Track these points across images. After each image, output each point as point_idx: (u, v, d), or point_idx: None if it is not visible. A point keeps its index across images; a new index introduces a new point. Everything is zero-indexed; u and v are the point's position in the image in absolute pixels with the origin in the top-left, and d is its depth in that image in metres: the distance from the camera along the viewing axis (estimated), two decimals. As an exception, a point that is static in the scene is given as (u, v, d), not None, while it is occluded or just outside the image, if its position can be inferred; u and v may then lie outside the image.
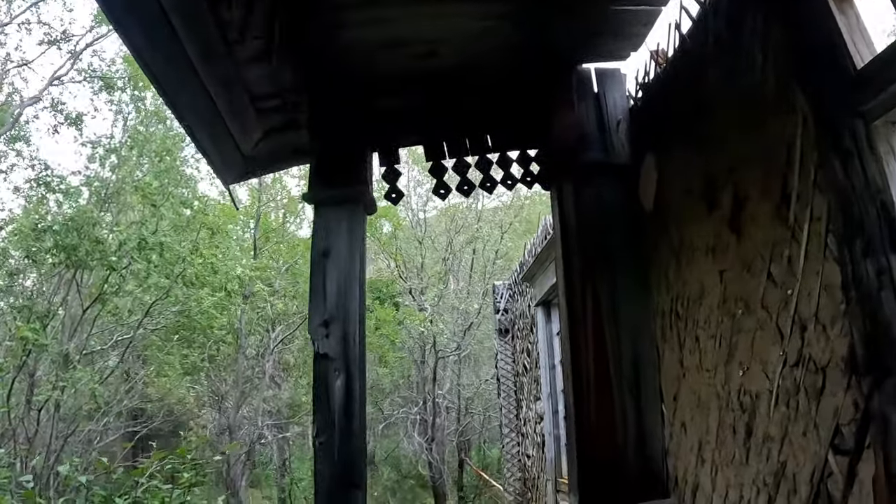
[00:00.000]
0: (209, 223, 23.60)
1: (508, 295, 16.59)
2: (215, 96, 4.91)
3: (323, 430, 5.05)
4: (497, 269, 31.93)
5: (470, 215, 33.42)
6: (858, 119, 2.96)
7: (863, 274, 2.86)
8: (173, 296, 22.23)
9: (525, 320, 14.73)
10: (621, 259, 5.13)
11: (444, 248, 32.86)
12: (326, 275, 5.32)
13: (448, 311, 30.91)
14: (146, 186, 20.73)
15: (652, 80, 5.54)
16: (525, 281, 13.90)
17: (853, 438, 2.98)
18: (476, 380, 32.59)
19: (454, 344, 30.25)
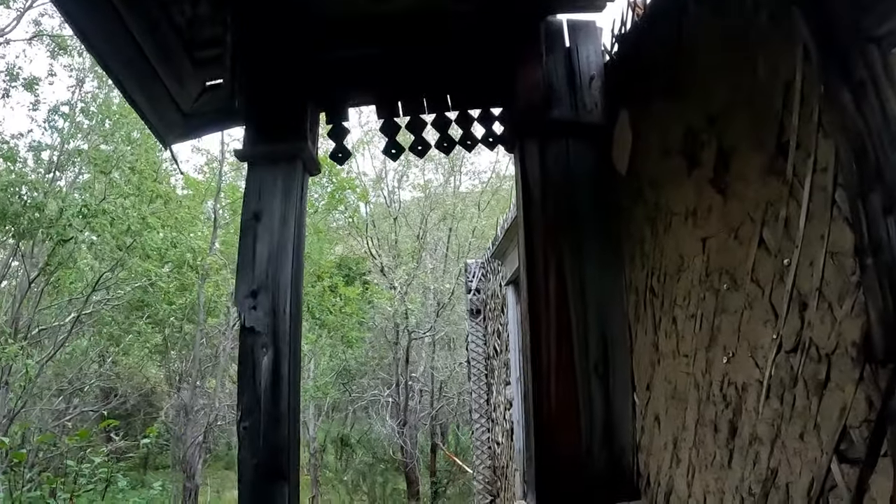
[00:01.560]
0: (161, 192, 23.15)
1: (481, 274, 16.31)
2: (143, 43, 4.42)
3: (248, 413, 4.65)
4: (473, 248, 31.87)
5: (446, 191, 33.40)
6: (873, 45, 2.47)
7: (882, 236, 2.33)
8: (131, 270, 21.81)
9: (496, 300, 14.45)
10: (591, 229, 4.71)
11: (418, 226, 32.82)
12: (257, 239, 4.91)
13: (420, 290, 30.85)
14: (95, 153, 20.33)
15: (629, 31, 5.14)
16: (496, 258, 13.65)
17: (864, 444, 2.47)
18: (451, 362, 32.58)
19: (427, 325, 30.19)
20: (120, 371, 27.17)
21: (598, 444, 4.38)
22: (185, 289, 24.38)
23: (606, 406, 4.43)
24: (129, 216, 20.15)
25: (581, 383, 4.41)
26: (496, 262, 13.94)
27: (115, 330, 25.04)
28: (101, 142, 20.97)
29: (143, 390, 28.94)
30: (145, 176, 21.73)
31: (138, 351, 26.15)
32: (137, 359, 26.79)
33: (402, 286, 29.22)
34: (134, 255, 21.34)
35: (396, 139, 5.74)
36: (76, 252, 20.25)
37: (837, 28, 2.62)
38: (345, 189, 28.65)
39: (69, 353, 22.54)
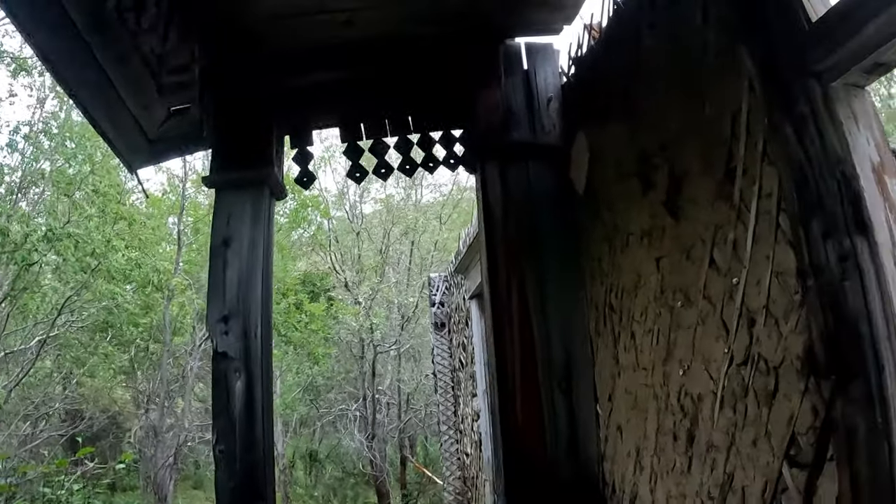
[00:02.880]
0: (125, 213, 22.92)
1: (444, 287, 16.30)
2: (110, 71, 4.47)
3: (223, 436, 4.68)
4: (436, 261, 31.75)
5: (408, 206, 33.25)
6: (814, 80, 2.61)
7: (822, 259, 2.49)
8: (96, 291, 21.56)
9: (460, 314, 14.46)
10: (551, 247, 4.84)
11: (380, 240, 32.67)
12: (227, 265, 4.95)
13: (384, 304, 30.70)
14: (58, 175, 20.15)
15: (585, 54, 5.24)
16: (459, 273, 13.66)
17: (812, 450, 2.63)
18: (417, 374, 32.42)
19: (392, 338, 30.06)
20: (86, 393, 26.74)
21: (563, 454, 4.51)
22: (149, 309, 24.15)
23: (571, 418, 4.56)
24: (94, 239, 19.94)
25: (546, 398, 4.54)
26: (459, 276, 13.97)
27: (80, 353, 24.74)
28: (64, 163, 20.77)
29: (110, 412, 28.50)
30: (108, 198, 21.51)
31: (104, 372, 25.80)
32: (104, 380, 26.42)
33: (366, 301, 29.12)
34: (98, 277, 21.06)
35: (360, 163, 5.80)
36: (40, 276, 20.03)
37: (780, 64, 2.76)
38: (307, 206, 28.57)
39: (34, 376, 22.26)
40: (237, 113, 5.29)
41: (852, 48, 2.40)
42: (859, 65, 2.44)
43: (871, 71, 2.50)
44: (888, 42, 2.29)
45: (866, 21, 2.30)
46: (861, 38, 2.35)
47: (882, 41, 2.30)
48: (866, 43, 2.35)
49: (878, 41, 2.31)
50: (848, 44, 2.41)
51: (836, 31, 2.46)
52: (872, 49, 2.35)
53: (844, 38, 2.41)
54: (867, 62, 2.42)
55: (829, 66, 2.53)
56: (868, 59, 2.40)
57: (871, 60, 2.41)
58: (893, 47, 2.32)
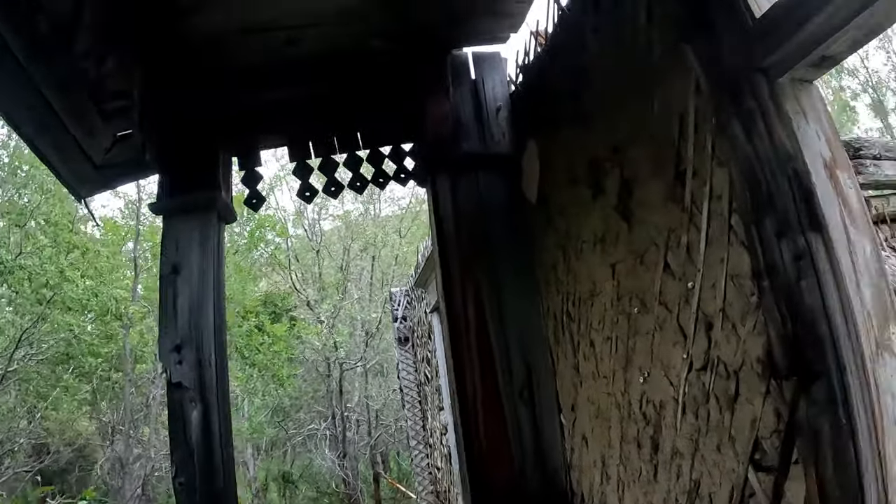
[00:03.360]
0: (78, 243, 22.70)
1: (406, 302, 16.27)
2: (52, 99, 4.32)
3: (182, 468, 4.56)
4: (397, 275, 31.73)
5: (367, 221, 33.19)
6: (760, 75, 2.58)
7: (777, 260, 2.45)
8: (53, 323, 21.30)
9: (423, 328, 14.44)
10: (505, 257, 4.81)
11: (340, 257, 32.58)
12: (177, 293, 4.83)
13: (348, 321, 30.60)
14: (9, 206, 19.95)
15: (532, 62, 5.20)
16: (419, 286, 13.65)
17: (777, 453, 2.59)
18: (385, 390, 32.31)
19: (358, 355, 29.97)
20: (50, 426, 26.41)
21: (530, 466, 4.47)
22: (109, 339, 23.93)
23: (535, 429, 4.52)
24: (47, 270, 19.75)
25: (508, 410, 4.49)
26: (420, 290, 13.94)
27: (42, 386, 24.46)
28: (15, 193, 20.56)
29: (75, 445, 28.13)
30: (61, 227, 21.32)
31: (67, 405, 25.52)
32: (67, 413, 26.14)
33: (328, 319, 29.01)
34: (55, 308, 20.83)
35: (310, 181, 5.71)
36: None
37: (726, 61, 2.72)
38: (264, 227, 28.45)
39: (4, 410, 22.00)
40: (181, 136, 5.18)
41: (798, 43, 2.37)
42: (806, 59, 2.40)
43: (818, 65, 2.46)
44: (833, 35, 2.25)
45: (810, 15, 2.27)
46: (806, 33, 2.32)
47: (827, 34, 2.27)
48: (811, 37, 2.32)
49: (824, 35, 2.28)
50: (793, 38, 2.37)
51: (780, 27, 2.43)
52: (818, 43, 2.32)
53: (789, 33, 2.37)
54: (814, 56, 2.38)
55: (776, 62, 2.49)
56: (814, 53, 2.37)
57: (817, 54, 2.37)
58: (839, 40, 2.28)
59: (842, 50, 2.38)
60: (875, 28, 2.26)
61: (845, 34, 2.24)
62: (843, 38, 2.27)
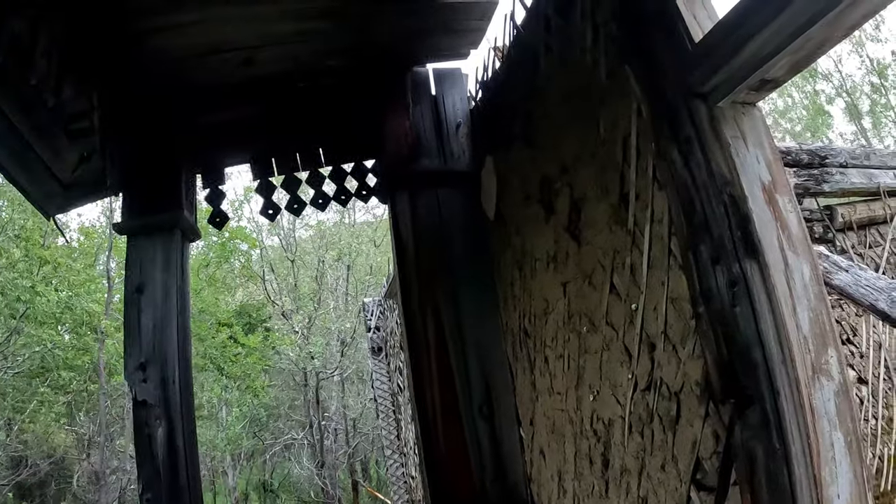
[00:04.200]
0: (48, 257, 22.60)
1: (379, 312, 16.23)
2: (17, 121, 4.32)
3: (148, 486, 4.56)
4: (372, 284, 31.67)
5: (341, 230, 33.11)
6: (699, 100, 2.59)
7: (712, 285, 2.48)
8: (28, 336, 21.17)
9: (396, 338, 14.42)
10: (464, 274, 4.79)
11: (315, 267, 32.47)
12: (141, 313, 4.83)
13: (323, 331, 30.51)
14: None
15: (490, 78, 5.23)
16: (390, 297, 13.63)
17: (717, 474, 2.63)
18: (362, 398, 32.22)
19: (333, 364, 29.90)
20: (28, 439, 26.28)
21: (490, 479, 4.47)
22: (84, 351, 23.83)
23: (494, 443, 4.52)
24: (18, 285, 19.66)
25: (468, 425, 4.49)
26: (391, 300, 13.93)
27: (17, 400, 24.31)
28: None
29: (53, 457, 27.94)
30: (32, 242, 21.23)
31: (44, 417, 25.38)
32: (44, 426, 25.99)
33: (303, 329, 28.94)
34: (29, 322, 20.72)
35: (273, 199, 5.71)
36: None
37: (665, 85, 2.74)
38: (235, 239, 28.38)
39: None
40: (144, 157, 5.17)
41: (736, 66, 2.37)
42: (745, 83, 2.40)
43: (758, 88, 2.47)
44: (773, 58, 2.26)
45: (748, 38, 2.28)
46: (744, 56, 2.33)
47: (766, 58, 2.27)
48: (750, 60, 2.33)
49: (763, 58, 2.29)
50: (731, 62, 2.38)
51: (718, 51, 2.44)
52: (757, 66, 2.32)
53: (727, 57, 2.38)
54: (753, 80, 2.39)
55: (715, 86, 2.50)
56: (754, 77, 2.37)
57: (756, 78, 2.38)
58: (778, 63, 2.29)
59: (782, 73, 2.38)
60: (815, 51, 2.27)
61: (783, 58, 2.25)
62: (782, 61, 2.27)
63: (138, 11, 4.26)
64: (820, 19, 2.07)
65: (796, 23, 2.13)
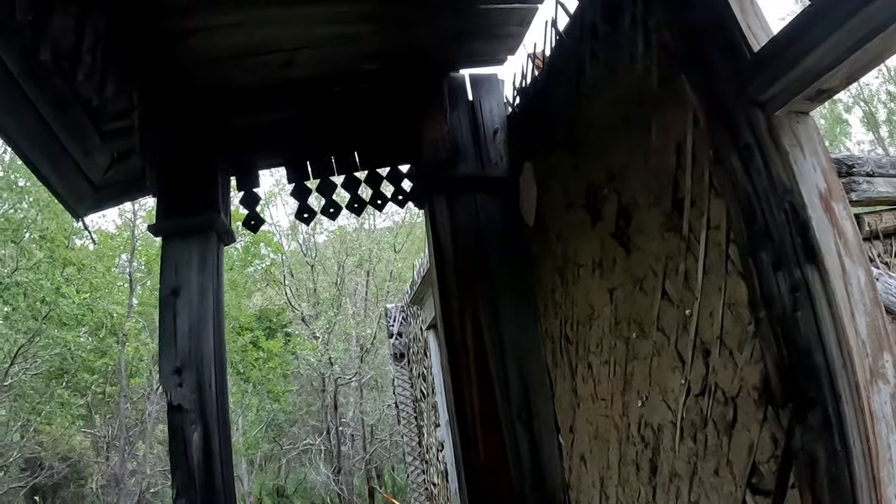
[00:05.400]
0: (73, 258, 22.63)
1: (401, 318, 16.22)
2: (50, 120, 4.35)
3: (183, 490, 4.53)
4: (392, 291, 31.61)
5: (361, 236, 33.05)
6: (758, 109, 2.60)
7: (774, 291, 2.48)
8: (49, 338, 21.20)
9: (419, 344, 14.38)
10: (503, 279, 4.81)
11: (335, 272, 32.42)
12: (177, 315, 4.80)
13: (343, 336, 30.46)
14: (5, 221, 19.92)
15: (529, 84, 5.21)
16: (414, 303, 13.60)
17: (774, 477, 2.62)
18: (380, 404, 32.17)
19: (352, 370, 29.84)
20: (44, 441, 26.22)
21: (529, 485, 4.48)
22: (104, 353, 23.85)
23: (533, 450, 4.53)
24: (43, 286, 19.71)
25: (507, 431, 4.49)
26: (415, 307, 13.90)
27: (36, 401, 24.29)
28: (10, 208, 20.53)
29: (69, 459, 27.87)
30: (57, 244, 21.27)
31: (61, 419, 25.37)
32: (61, 427, 25.98)
33: (323, 335, 28.92)
34: (50, 324, 20.76)
35: (307, 203, 5.70)
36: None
37: (723, 94, 2.75)
38: (259, 243, 28.41)
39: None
40: (180, 158, 5.17)
41: (795, 77, 2.39)
42: (803, 93, 2.42)
43: (814, 98, 2.48)
44: (831, 70, 2.27)
45: (808, 50, 2.29)
46: (804, 67, 2.34)
47: (825, 69, 2.29)
48: (809, 72, 2.34)
49: (821, 70, 2.30)
50: (791, 73, 2.39)
51: (778, 61, 2.45)
52: (816, 77, 2.33)
53: (787, 68, 2.40)
54: (810, 90, 2.40)
55: (773, 96, 2.51)
56: (811, 88, 2.38)
57: (814, 88, 2.39)
58: (836, 75, 2.30)
59: (837, 83, 2.39)
60: (870, 63, 2.28)
61: (841, 69, 2.27)
62: (840, 72, 2.28)
63: (180, 11, 4.30)
64: (879, 34, 2.08)
65: (855, 37, 2.14)
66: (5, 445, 23.17)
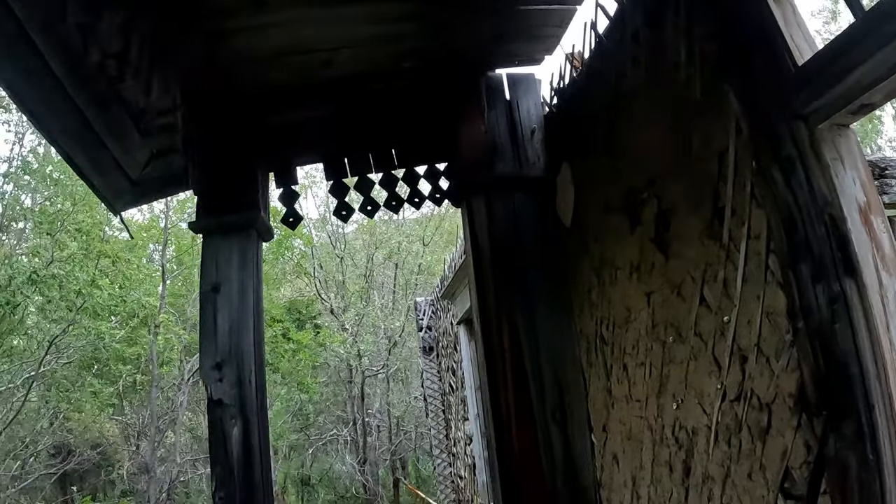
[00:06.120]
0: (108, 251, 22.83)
1: (431, 311, 16.27)
2: (91, 117, 4.39)
3: (222, 483, 4.61)
4: (420, 283, 31.60)
5: (390, 228, 33.03)
6: (800, 122, 2.62)
7: (812, 302, 2.52)
8: (82, 328, 21.42)
9: (448, 338, 14.41)
10: (540, 280, 4.83)
11: (364, 265, 32.42)
12: (217, 312, 4.88)
13: (371, 329, 30.48)
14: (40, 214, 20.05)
15: (567, 85, 5.25)
16: (445, 298, 13.61)
17: (806, 483, 2.66)
18: (406, 397, 32.20)
19: (380, 362, 29.87)
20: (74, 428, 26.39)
21: (561, 482, 4.51)
22: (135, 343, 24.00)
23: (566, 448, 4.56)
24: (78, 278, 19.86)
25: (541, 429, 4.53)
26: (446, 301, 13.92)
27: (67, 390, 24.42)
28: (44, 199, 20.66)
29: (99, 447, 28.00)
30: (92, 236, 21.39)
31: (91, 407, 25.53)
32: (91, 415, 26.15)
33: (352, 327, 28.97)
34: (84, 314, 20.95)
35: (345, 200, 5.78)
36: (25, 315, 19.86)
37: (766, 105, 2.78)
38: (290, 236, 28.48)
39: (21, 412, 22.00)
40: (221, 156, 5.25)
41: (839, 92, 2.41)
42: (846, 108, 2.45)
43: (856, 112, 2.51)
44: (876, 86, 2.30)
45: (854, 67, 2.32)
46: (849, 83, 2.37)
47: (869, 86, 2.31)
48: (854, 87, 2.36)
49: (866, 86, 2.33)
50: (835, 88, 2.42)
51: (823, 76, 2.48)
52: (860, 93, 2.36)
53: (832, 83, 2.42)
54: (854, 105, 2.43)
55: (816, 109, 2.54)
56: (855, 102, 2.41)
57: (857, 103, 2.42)
58: (880, 90, 2.34)
59: (880, 98, 2.42)
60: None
61: (886, 85, 2.30)
62: (884, 88, 2.32)
63: (224, 12, 4.36)
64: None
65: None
66: (37, 432, 23.37)
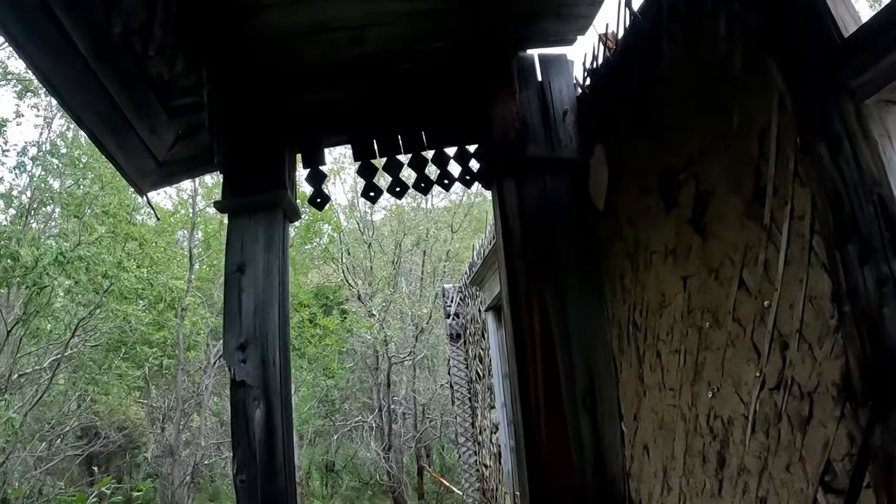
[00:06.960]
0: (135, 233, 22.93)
1: (459, 298, 16.23)
2: (117, 96, 4.33)
3: (244, 466, 4.54)
4: (448, 270, 31.61)
5: (419, 215, 33.06)
6: (847, 97, 2.51)
7: (860, 284, 2.40)
8: (108, 311, 21.54)
9: (476, 325, 14.36)
10: (571, 264, 4.68)
11: (392, 251, 32.47)
12: (242, 292, 4.81)
13: (398, 316, 30.53)
14: (68, 197, 20.14)
15: (601, 65, 5.16)
16: (474, 284, 13.57)
17: (848, 476, 2.55)
18: (432, 384, 32.21)
19: (406, 349, 29.92)
20: (100, 410, 26.62)
21: (589, 473, 4.40)
22: (161, 326, 24.15)
23: (596, 437, 4.45)
24: (105, 260, 19.93)
25: (570, 416, 4.42)
26: (474, 287, 13.88)
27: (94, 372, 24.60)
28: (72, 183, 20.78)
29: (125, 429, 28.27)
30: (119, 219, 21.51)
31: (118, 390, 25.71)
32: (117, 398, 26.36)
33: (380, 313, 29.02)
34: (111, 297, 21.02)
35: (374, 181, 5.69)
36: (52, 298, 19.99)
37: (811, 80, 2.67)
38: (319, 220, 28.55)
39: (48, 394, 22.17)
40: (248, 135, 5.19)
41: (888, 65, 2.31)
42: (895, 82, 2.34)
43: (905, 87, 2.40)
44: (925, 59, 2.20)
45: (902, 39, 2.22)
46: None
47: None
48: (903, 60, 2.25)
49: (917, 59, 2.22)
50: (883, 61, 2.32)
51: (870, 48, 2.38)
52: (910, 67, 2.26)
53: (880, 55, 2.32)
54: (902, 79, 2.32)
55: (863, 83, 2.43)
56: (903, 77, 2.31)
57: (906, 78, 2.32)
58: (930, 63, 2.23)
59: None
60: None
61: (939, 59, 2.20)
62: (936, 61, 2.22)
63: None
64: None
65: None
66: (64, 414, 23.57)
